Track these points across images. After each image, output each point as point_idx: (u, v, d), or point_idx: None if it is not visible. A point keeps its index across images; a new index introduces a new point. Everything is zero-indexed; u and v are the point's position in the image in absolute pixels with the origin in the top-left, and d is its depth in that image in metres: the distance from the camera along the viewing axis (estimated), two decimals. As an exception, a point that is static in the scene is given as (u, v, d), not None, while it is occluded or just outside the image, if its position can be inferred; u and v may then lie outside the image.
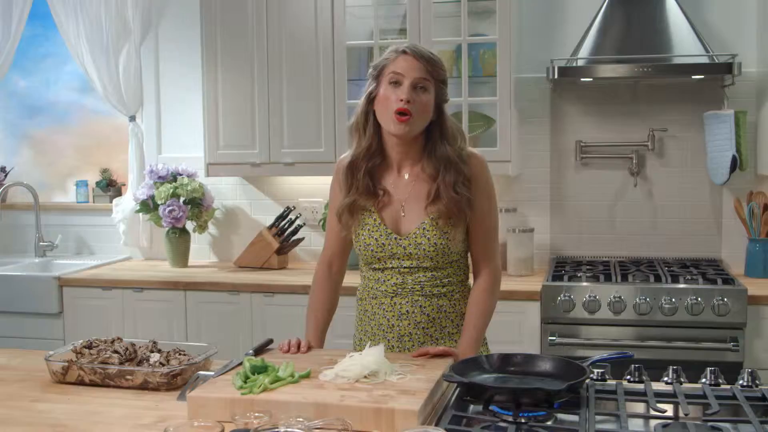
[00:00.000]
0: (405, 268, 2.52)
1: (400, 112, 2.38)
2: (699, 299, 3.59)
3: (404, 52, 2.43)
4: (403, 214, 2.52)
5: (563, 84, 4.21)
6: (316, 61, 4.20)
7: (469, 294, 2.61)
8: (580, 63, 3.98)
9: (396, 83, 2.41)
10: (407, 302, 2.52)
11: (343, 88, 4.16)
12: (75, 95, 5.19)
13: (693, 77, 4.00)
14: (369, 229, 2.52)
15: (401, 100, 2.38)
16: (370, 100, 2.49)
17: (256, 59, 4.27)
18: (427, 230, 2.47)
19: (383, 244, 2.51)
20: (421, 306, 2.52)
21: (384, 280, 2.55)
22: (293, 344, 2.45)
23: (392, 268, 2.53)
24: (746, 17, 4.13)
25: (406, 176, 2.54)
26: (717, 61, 3.88)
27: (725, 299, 3.57)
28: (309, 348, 2.46)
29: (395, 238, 2.50)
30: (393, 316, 2.55)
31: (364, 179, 2.51)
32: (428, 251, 2.48)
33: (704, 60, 3.88)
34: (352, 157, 2.54)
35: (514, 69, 4.05)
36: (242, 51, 4.29)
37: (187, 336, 4.10)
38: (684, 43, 3.92)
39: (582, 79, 4.07)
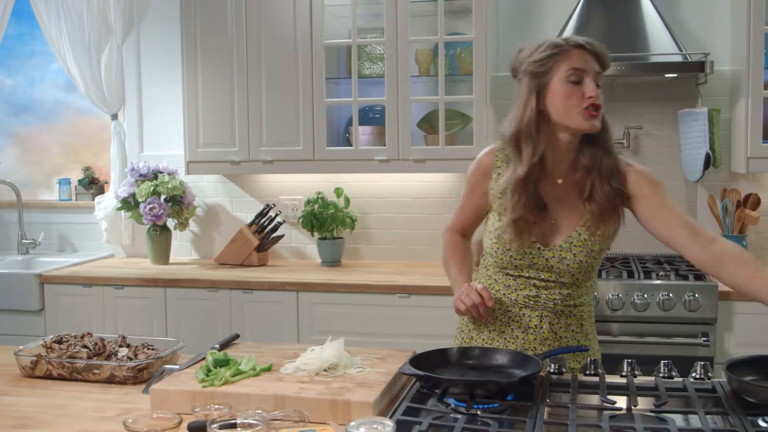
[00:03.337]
0: (542, 281, 2.40)
1: (594, 107, 2.28)
2: (670, 295, 3.63)
3: (579, 46, 2.30)
4: (553, 221, 2.39)
5: (539, 82, 4.24)
6: (294, 59, 4.23)
7: (593, 314, 2.53)
8: (556, 62, 4.01)
9: (576, 80, 2.28)
10: (537, 316, 2.42)
11: (321, 86, 4.20)
12: (61, 94, 5.22)
13: (667, 75, 4.04)
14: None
15: (590, 97, 2.26)
16: (539, 100, 2.33)
17: (236, 58, 4.31)
18: (575, 245, 2.36)
19: (525, 252, 2.38)
20: (550, 322, 2.42)
21: (516, 289, 2.44)
22: (474, 297, 2.30)
23: (528, 278, 2.42)
24: (720, 16, 4.17)
25: (560, 181, 2.41)
26: (690, 59, 3.92)
27: (696, 295, 3.62)
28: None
29: (539, 248, 2.37)
30: (518, 327, 2.44)
31: (534, 192, 2.36)
32: (572, 267, 2.37)
33: (678, 59, 3.91)
34: (527, 170, 2.33)
35: (491, 67, 4.09)
36: (221, 50, 4.32)
37: (167, 332, 4.14)
38: (658, 42, 3.96)
39: (557, 78, 4.10)
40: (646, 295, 3.65)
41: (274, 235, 4.54)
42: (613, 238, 2.42)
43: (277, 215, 4.55)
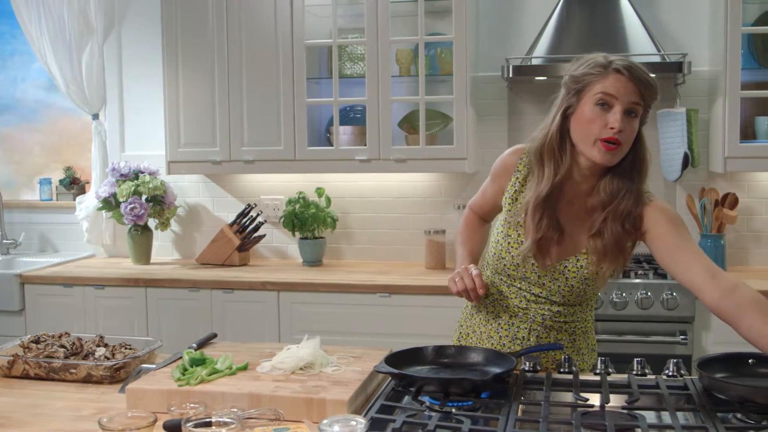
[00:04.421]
0: (533, 295, 2.36)
1: (610, 141, 2.13)
2: (648, 293, 3.66)
3: (617, 70, 2.13)
4: (555, 241, 2.29)
5: (519, 83, 4.27)
6: (275, 60, 4.24)
7: (591, 327, 2.47)
8: (535, 62, 4.04)
9: (605, 105, 2.13)
10: (525, 328, 2.39)
11: (302, 86, 4.21)
12: (42, 93, 5.21)
13: (645, 76, 4.06)
14: (510, 243, 2.35)
15: (612, 128, 2.11)
16: (566, 116, 2.23)
17: (217, 58, 4.31)
18: (569, 270, 2.30)
19: (518, 264, 2.33)
20: (538, 336, 2.39)
21: (507, 296, 2.41)
22: (467, 282, 2.26)
23: (519, 289, 2.38)
24: (698, 17, 4.21)
25: (575, 203, 2.31)
26: (668, 60, 3.95)
27: (674, 293, 3.65)
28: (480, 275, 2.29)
29: (532, 264, 2.31)
30: (506, 336, 2.41)
31: (553, 211, 2.27)
32: (563, 289, 2.33)
33: (656, 59, 3.94)
34: (549, 189, 2.24)
35: (471, 68, 4.11)
36: (202, 50, 4.33)
37: (148, 332, 4.14)
38: (637, 42, 3.99)
39: (537, 78, 4.13)
40: (624, 294, 3.68)
41: (256, 234, 4.54)
42: (615, 276, 2.32)
43: (258, 215, 4.55)
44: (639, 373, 2.15)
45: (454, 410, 1.86)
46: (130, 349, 2.43)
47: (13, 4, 4.74)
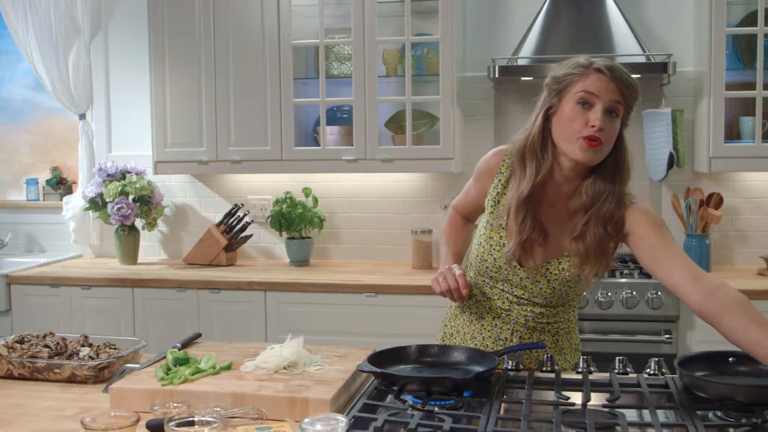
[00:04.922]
0: (515, 296, 2.37)
1: (591, 139, 2.13)
2: (634, 293, 3.68)
3: (599, 70, 2.14)
4: (538, 243, 2.29)
5: (505, 83, 4.28)
6: (262, 60, 4.24)
7: (574, 327, 2.49)
8: (521, 62, 4.05)
9: (585, 104, 2.14)
10: (508, 329, 2.40)
11: (289, 86, 4.21)
12: (30, 93, 5.20)
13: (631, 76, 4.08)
14: (492, 245, 2.35)
15: (593, 126, 2.12)
16: (548, 117, 2.23)
17: (203, 58, 4.31)
18: (551, 272, 2.30)
19: (500, 267, 2.34)
20: (521, 337, 2.39)
21: (490, 297, 2.42)
22: (451, 282, 2.27)
23: (502, 290, 2.39)
24: (683, 18, 4.23)
25: (556, 205, 2.31)
26: (653, 60, 3.97)
27: (659, 293, 3.67)
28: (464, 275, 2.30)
29: (514, 266, 2.32)
30: (489, 337, 2.42)
31: (535, 212, 2.27)
32: (544, 291, 2.34)
33: (641, 59, 3.96)
34: (530, 189, 2.24)
35: (457, 68, 4.13)
36: (189, 50, 4.33)
37: (135, 332, 4.14)
38: (622, 42, 4.00)
39: (523, 78, 4.14)
40: (609, 293, 3.70)
41: (243, 234, 4.54)
42: (598, 278, 2.31)
43: (245, 215, 4.56)
44: (620, 371, 2.17)
45: (436, 409, 1.87)
46: (115, 348, 2.43)
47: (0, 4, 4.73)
